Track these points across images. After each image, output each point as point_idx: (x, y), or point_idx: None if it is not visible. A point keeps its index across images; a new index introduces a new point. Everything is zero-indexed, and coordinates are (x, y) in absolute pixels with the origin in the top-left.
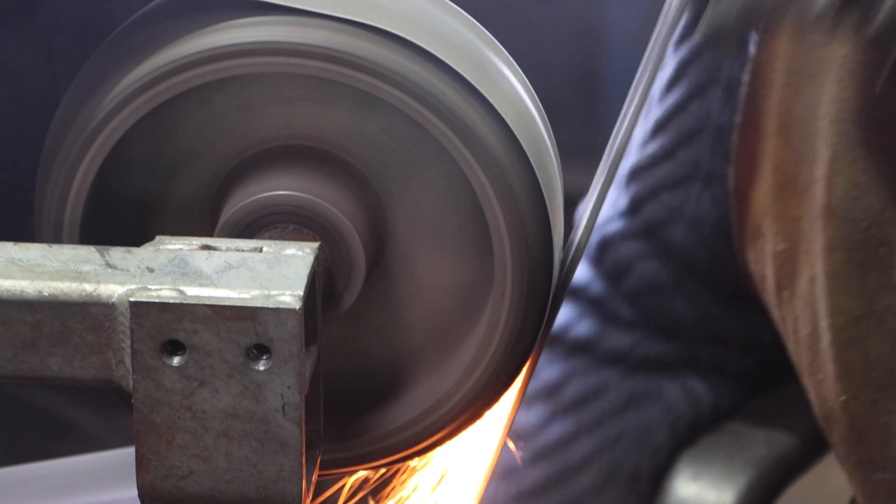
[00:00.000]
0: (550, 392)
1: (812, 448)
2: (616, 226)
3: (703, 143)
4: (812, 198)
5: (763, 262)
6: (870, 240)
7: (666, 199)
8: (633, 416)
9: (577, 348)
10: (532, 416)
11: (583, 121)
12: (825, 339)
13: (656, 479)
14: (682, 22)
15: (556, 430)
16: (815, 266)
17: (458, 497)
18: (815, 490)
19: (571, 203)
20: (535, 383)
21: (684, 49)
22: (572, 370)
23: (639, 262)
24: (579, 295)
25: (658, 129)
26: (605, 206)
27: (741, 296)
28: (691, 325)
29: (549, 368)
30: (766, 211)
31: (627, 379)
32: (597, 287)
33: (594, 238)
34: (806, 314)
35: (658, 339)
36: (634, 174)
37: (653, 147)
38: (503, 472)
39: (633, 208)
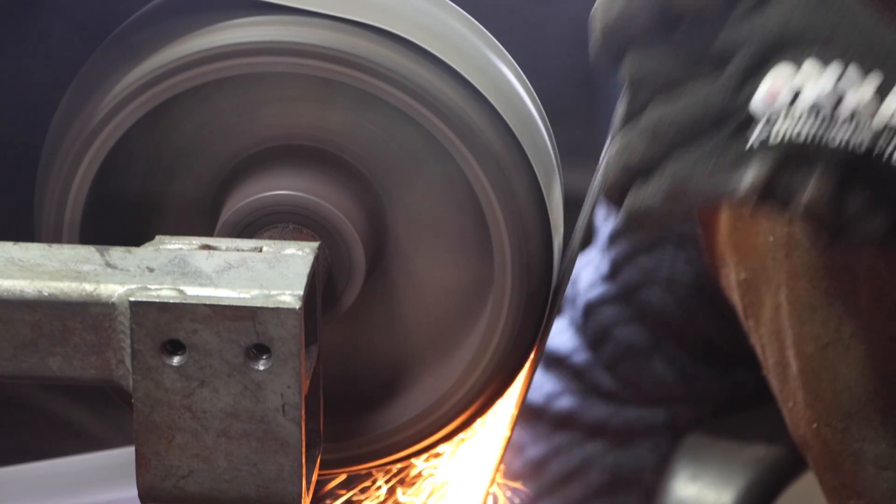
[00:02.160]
0: (536, 470)
1: None
2: (598, 291)
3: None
4: (773, 227)
5: (730, 289)
6: (833, 266)
7: (642, 262)
8: (616, 497)
9: (560, 423)
10: (518, 496)
11: (583, 121)
12: (793, 366)
13: None
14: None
15: None
16: (778, 295)
17: None
18: (814, 490)
19: (571, 203)
20: (521, 461)
21: None
22: (556, 448)
23: (617, 327)
24: (562, 365)
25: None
26: (589, 270)
27: (719, 353)
28: (671, 387)
29: (534, 446)
30: (727, 241)
31: (610, 454)
32: (579, 357)
33: (580, 303)
34: (772, 343)
35: (637, 404)
36: (613, 238)
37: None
38: None
39: (613, 272)
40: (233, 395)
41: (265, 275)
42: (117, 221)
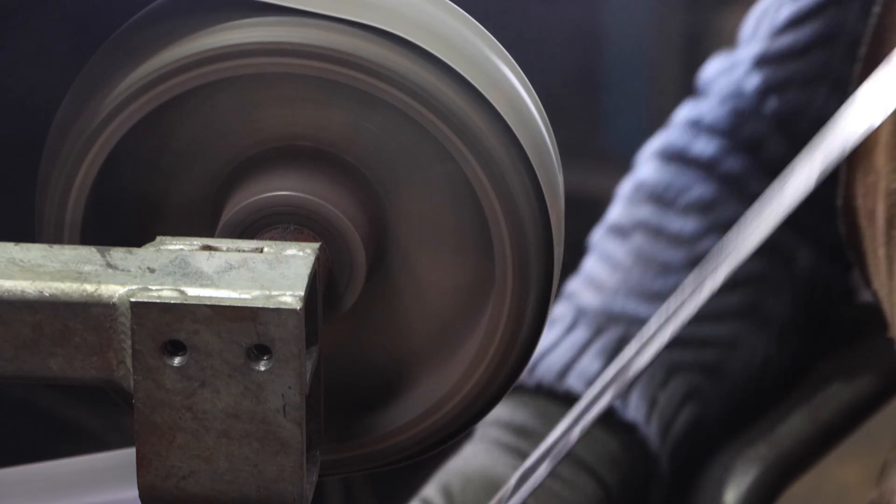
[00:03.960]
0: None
1: (813, 448)
2: (747, 101)
3: (836, 50)
4: None
5: (874, 197)
6: None
7: (793, 94)
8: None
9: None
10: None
11: (583, 121)
12: None
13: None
14: None
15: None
16: None
17: None
18: (815, 490)
19: (572, 203)
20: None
21: None
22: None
23: (770, 139)
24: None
25: (790, 25)
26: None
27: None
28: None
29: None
30: (882, 147)
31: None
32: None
33: (725, 108)
34: None
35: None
36: (761, 62)
37: (784, 41)
38: None
39: (763, 93)
40: (234, 396)
41: (266, 275)
42: (118, 222)
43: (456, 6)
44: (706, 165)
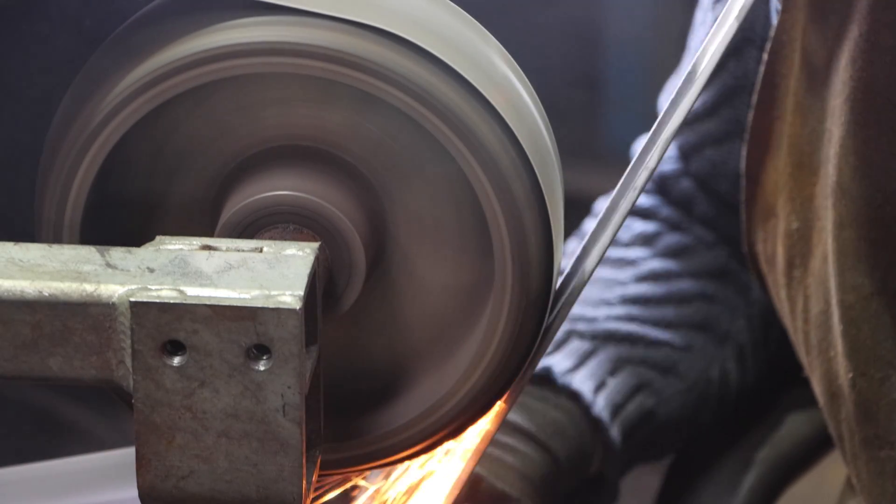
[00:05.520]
0: (647, 240)
1: (812, 448)
2: (671, 166)
3: (742, 102)
4: (826, 175)
5: (774, 241)
6: (883, 217)
7: (709, 154)
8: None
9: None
10: (630, 253)
11: (583, 121)
12: (835, 315)
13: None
14: None
15: (657, 265)
16: (826, 244)
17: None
18: (815, 490)
19: (571, 203)
20: (630, 233)
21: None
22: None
23: (696, 198)
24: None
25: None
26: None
27: None
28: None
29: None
30: (780, 190)
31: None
32: (666, 212)
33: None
34: (819, 292)
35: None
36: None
37: (696, 104)
38: None
39: (683, 157)
40: (233, 396)
41: (265, 275)
42: (118, 222)
43: (456, 6)
44: (645, 213)
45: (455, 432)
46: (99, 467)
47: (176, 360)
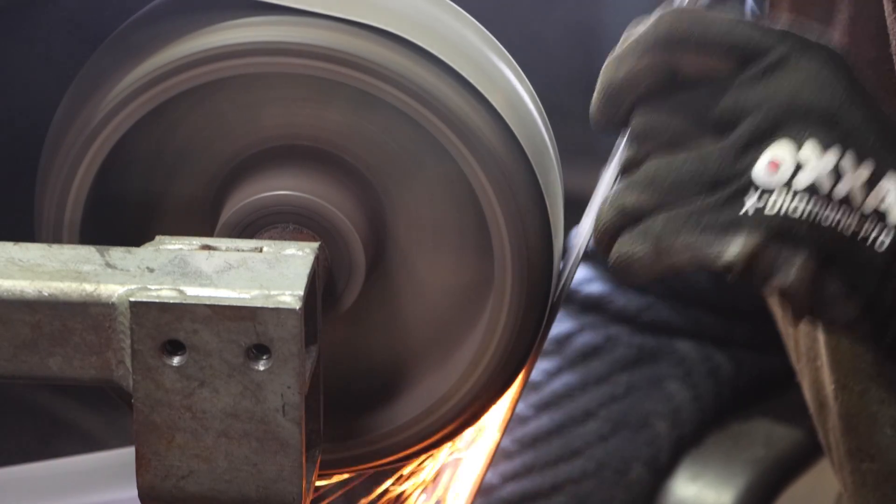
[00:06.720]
0: (560, 344)
1: (811, 448)
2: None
3: None
4: None
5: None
6: None
7: None
8: (642, 370)
9: (588, 306)
10: (540, 366)
11: (583, 121)
12: (820, 326)
13: (671, 427)
14: None
15: (564, 381)
16: None
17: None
18: (814, 490)
19: (572, 203)
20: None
21: None
22: (582, 325)
23: None
24: (594, 257)
25: None
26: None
27: None
28: (702, 292)
29: (559, 323)
30: None
31: (637, 335)
32: None
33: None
34: None
35: (668, 303)
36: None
37: None
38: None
39: None
40: (233, 396)
41: (265, 275)
42: (117, 221)
43: (456, 6)
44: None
45: (455, 432)
46: (99, 467)
47: (176, 360)
